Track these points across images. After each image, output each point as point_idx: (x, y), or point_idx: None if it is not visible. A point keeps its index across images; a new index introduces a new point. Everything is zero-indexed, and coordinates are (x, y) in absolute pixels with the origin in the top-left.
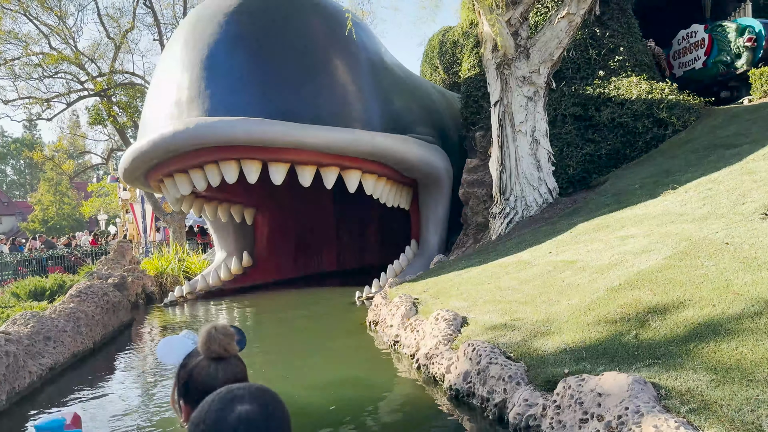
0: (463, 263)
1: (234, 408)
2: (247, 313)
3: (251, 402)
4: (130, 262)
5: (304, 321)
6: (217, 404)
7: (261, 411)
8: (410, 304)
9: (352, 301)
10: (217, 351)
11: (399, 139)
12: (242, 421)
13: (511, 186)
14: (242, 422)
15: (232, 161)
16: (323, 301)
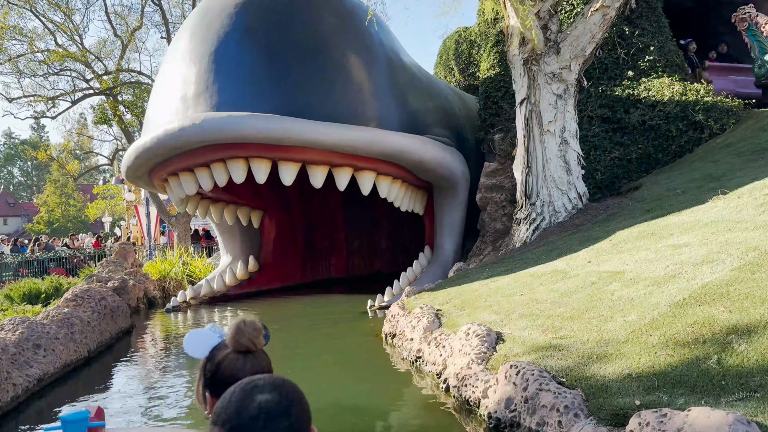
0: (487, 272)
1: (254, 397)
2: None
3: (271, 391)
4: (132, 265)
5: (313, 331)
6: (238, 394)
7: (281, 400)
8: (433, 316)
9: (363, 310)
10: (246, 345)
11: (416, 139)
12: (262, 410)
13: (538, 190)
14: (262, 410)
15: (240, 160)
16: (333, 310)
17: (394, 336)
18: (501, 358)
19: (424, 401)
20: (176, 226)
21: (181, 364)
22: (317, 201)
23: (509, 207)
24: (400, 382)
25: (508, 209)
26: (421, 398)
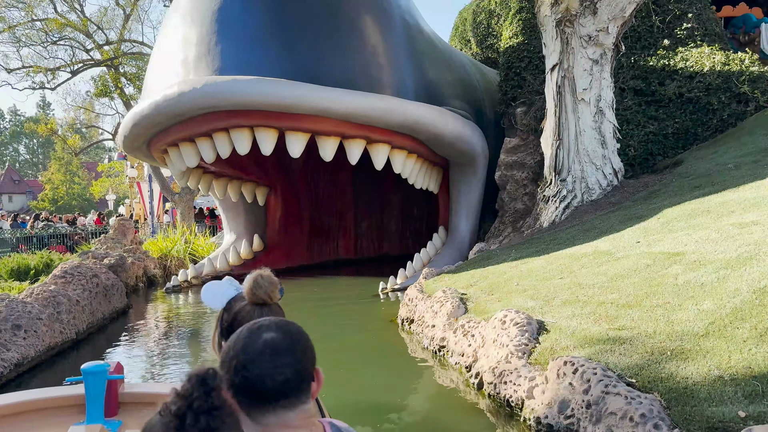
0: (514, 253)
1: (261, 335)
2: None
3: (276, 330)
4: (132, 242)
5: (322, 316)
6: (245, 332)
7: (285, 338)
8: (457, 301)
9: (374, 293)
10: (262, 297)
11: (434, 110)
12: (268, 345)
13: (569, 165)
14: (268, 346)
15: (244, 129)
16: (342, 293)
17: (411, 322)
18: (547, 351)
19: (453, 399)
20: (179, 204)
21: (178, 345)
22: (325, 178)
23: (531, 186)
24: (421, 376)
25: (529, 188)
26: (448, 396)
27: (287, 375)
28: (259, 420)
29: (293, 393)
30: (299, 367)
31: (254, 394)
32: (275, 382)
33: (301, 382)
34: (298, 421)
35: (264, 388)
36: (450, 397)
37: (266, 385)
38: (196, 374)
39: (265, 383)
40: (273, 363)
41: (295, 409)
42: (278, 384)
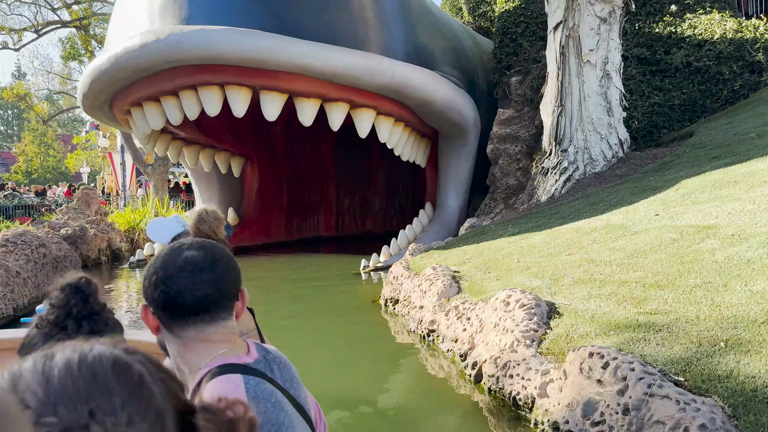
0: (512, 228)
1: (182, 253)
2: None
3: (198, 249)
4: (96, 212)
5: (299, 296)
6: (166, 251)
7: (207, 256)
8: (449, 279)
9: (355, 271)
10: (206, 232)
11: (426, 73)
12: (188, 262)
13: (572, 134)
14: (188, 263)
15: (214, 86)
16: (321, 271)
17: (396, 302)
18: (562, 339)
19: (445, 394)
20: (152, 176)
21: (130, 323)
22: (306, 150)
23: (525, 160)
24: (408, 365)
25: (523, 163)
26: (439, 389)
27: (207, 291)
28: (179, 334)
29: (213, 308)
30: (220, 285)
31: (174, 309)
32: (194, 297)
33: (222, 299)
34: (217, 336)
35: (183, 302)
36: (442, 391)
37: (185, 300)
38: (68, 283)
39: (184, 298)
40: (192, 279)
41: (215, 324)
42: (197, 299)
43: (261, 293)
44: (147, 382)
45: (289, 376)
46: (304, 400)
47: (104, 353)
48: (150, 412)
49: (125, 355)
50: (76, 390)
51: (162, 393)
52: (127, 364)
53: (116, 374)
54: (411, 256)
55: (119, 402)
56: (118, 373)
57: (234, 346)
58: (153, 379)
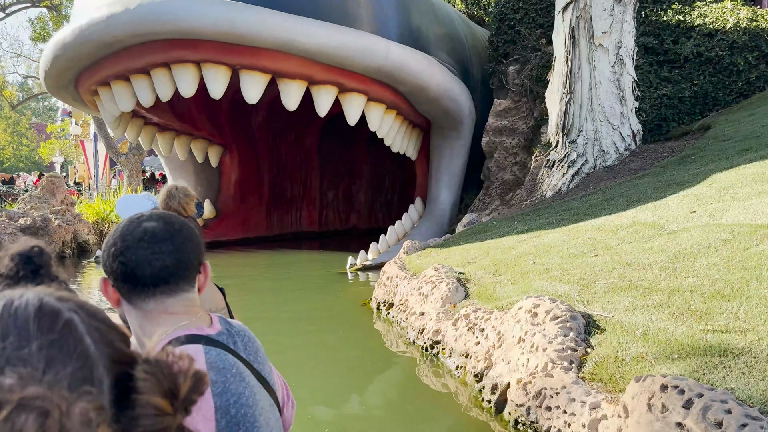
0: (519, 225)
1: (141, 224)
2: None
3: (158, 221)
4: (62, 202)
5: (279, 297)
6: (125, 222)
7: (166, 227)
8: (455, 282)
9: (341, 270)
10: (176, 208)
11: (421, 57)
12: (147, 233)
13: (581, 124)
14: (147, 233)
15: (189, 64)
16: (304, 270)
17: (390, 306)
18: (610, 361)
19: (453, 424)
20: (126, 166)
21: None
22: (289, 140)
23: (522, 154)
24: (406, 385)
25: (520, 156)
26: (445, 417)
27: (166, 262)
28: (140, 306)
29: (173, 280)
30: (180, 255)
31: (133, 281)
32: (153, 268)
33: (182, 270)
34: (179, 308)
35: (142, 273)
36: (450, 421)
37: (144, 271)
38: (19, 252)
39: (143, 269)
40: (151, 249)
41: (176, 296)
42: (156, 270)
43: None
44: (75, 329)
45: (253, 350)
46: (269, 374)
47: (31, 299)
48: (73, 359)
49: (55, 301)
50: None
51: (96, 341)
52: (54, 310)
53: (39, 319)
54: (406, 255)
55: (36, 347)
56: (41, 318)
57: (196, 319)
58: (86, 326)
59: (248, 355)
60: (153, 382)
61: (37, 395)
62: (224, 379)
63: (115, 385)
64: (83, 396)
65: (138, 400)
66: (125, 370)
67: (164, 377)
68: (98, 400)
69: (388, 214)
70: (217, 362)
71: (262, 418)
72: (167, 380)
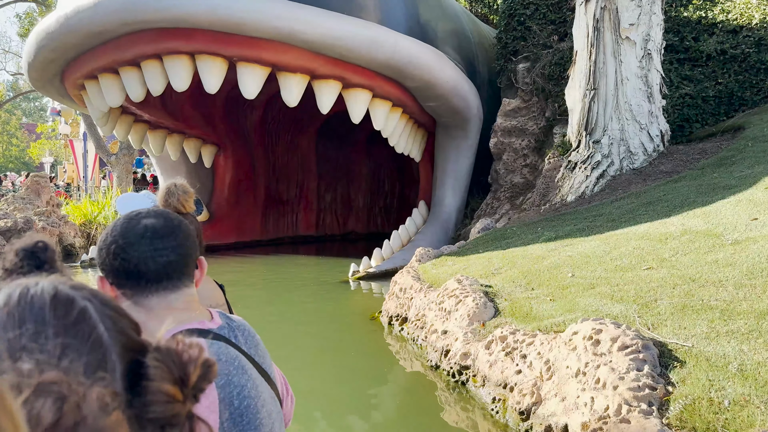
0: (545, 231)
1: (140, 221)
2: None
3: (157, 217)
4: (48, 203)
5: (276, 308)
6: (122, 220)
7: (166, 223)
8: (482, 296)
9: (342, 278)
10: (175, 205)
11: (431, 51)
12: (149, 229)
13: (605, 122)
14: (149, 230)
15: (182, 56)
16: (302, 277)
17: (404, 321)
18: (703, 405)
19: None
20: (116, 166)
21: None
22: (285, 140)
23: (533, 156)
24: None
25: (530, 159)
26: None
27: (169, 257)
28: (143, 303)
29: (176, 276)
30: (182, 251)
31: (136, 277)
32: (157, 264)
33: (185, 266)
34: (180, 303)
35: (146, 270)
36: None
37: (148, 267)
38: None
39: (147, 265)
40: (154, 246)
41: (178, 292)
42: (160, 266)
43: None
44: (90, 317)
45: (253, 344)
46: (269, 367)
47: (46, 287)
48: (88, 346)
49: (70, 289)
50: (12, 322)
51: (108, 329)
52: (69, 298)
53: (54, 307)
54: (419, 263)
55: (52, 334)
56: (56, 306)
57: (197, 314)
58: (99, 314)
59: (249, 349)
60: (164, 369)
61: (55, 380)
62: (227, 372)
63: (127, 372)
64: (98, 382)
65: (149, 387)
66: (137, 357)
67: (174, 365)
68: (112, 386)
69: (388, 218)
70: (220, 355)
71: (265, 409)
72: (177, 368)
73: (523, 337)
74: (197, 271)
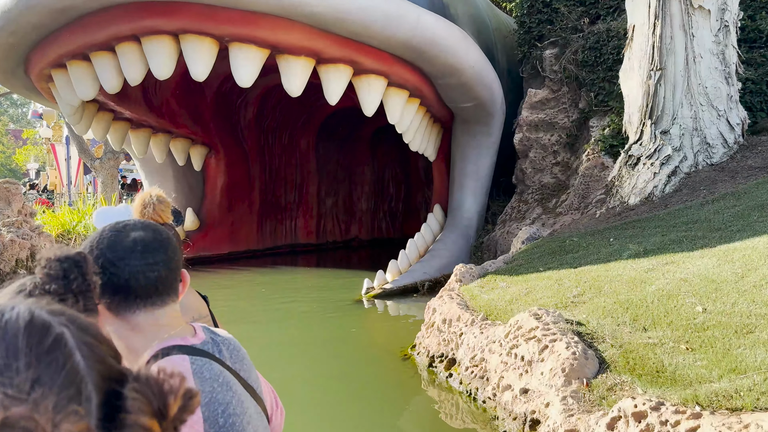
0: (627, 245)
1: (128, 233)
2: None
3: (145, 229)
4: (19, 213)
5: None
6: (108, 232)
7: (155, 236)
8: (576, 341)
9: (355, 298)
10: (151, 215)
11: (456, 31)
12: (138, 243)
13: (674, 109)
14: (138, 243)
15: (164, 37)
16: (307, 294)
17: (451, 364)
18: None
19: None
20: (100, 171)
21: None
22: (283, 140)
23: (564, 153)
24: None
25: (562, 156)
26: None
27: (161, 272)
28: (129, 319)
29: (165, 291)
30: (172, 265)
31: (125, 292)
32: (148, 279)
33: (174, 281)
34: (166, 319)
35: (136, 285)
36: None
37: (139, 282)
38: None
39: (137, 280)
40: (146, 260)
41: (165, 307)
42: (152, 281)
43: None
44: (66, 344)
45: (239, 358)
46: (256, 382)
47: (22, 312)
48: (62, 376)
49: (46, 314)
50: None
51: (86, 356)
52: (45, 324)
53: (28, 334)
54: (460, 284)
55: (24, 364)
56: (30, 333)
57: (180, 329)
58: (77, 341)
59: (234, 364)
60: (142, 401)
61: (22, 416)
62: (211, 389)
63: (104, 403)
64: (69, 416)
65: (126, 420)
66: (115, 387)
67: (154, 396)
68: (85, 420)
69: (393, 223)
70: (203, 372)
71: (251, 426)
72: (157, 399)
73: (676, 417)
74: (181, 283)
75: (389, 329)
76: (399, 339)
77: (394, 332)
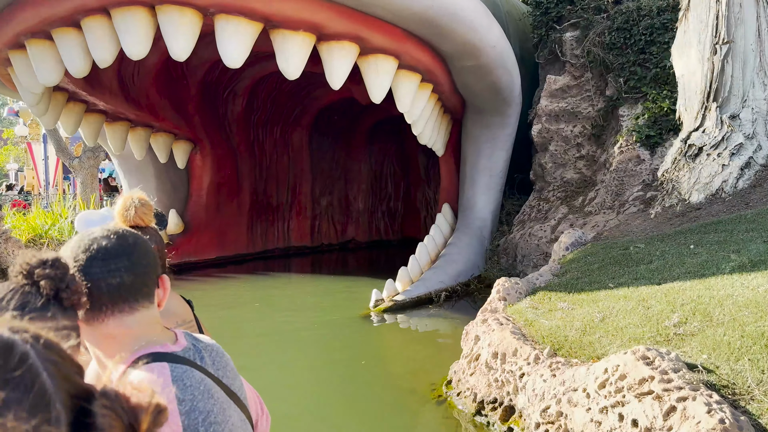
0: (717, 253)
1: (93, 241)
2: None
3: (110, 237)
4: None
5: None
6: (75, 239)
7: (119, 242)
8: (720, 404)
9: (361, 312)
10: (133, 218)
11: (478, 4)
12: (100, 250)
13: (744, 90)
14: (100, 250)
15: (138, 8)
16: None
17: (509, 413)
18: None
19: None
20: (79, 171)
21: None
22: (274, 135)
23: (589, 145)
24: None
25: (586, 149)
26: None
27: (123, 278)
28: (99, 328)
29: (132, 297)
30: (137, 270)
31: (90, 301)
32: (110, 285)
33: (142, 286)
34: (140, 326)
35: (99, 292)
36: None
37: (101, 290)
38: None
39: (100, 288)
40: (107, 267)
41: (136, 314)
42: (114, 287)
43: None
44: (32, 364)
45: (222, 365)
46: (240, 388)
47: None
48: (30, 398)
49: (10, 333)
50: None
51: (52, 375)
52: (9, 343)
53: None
54: (504, 302)
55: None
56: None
57: (159, 336)
58: (42, 360)
59: (217, 371)
60: (112, 417)
61: None
62: (191, 397)
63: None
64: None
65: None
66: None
67: (123, 412)
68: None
69: (392, 224)
70: (184, 380)
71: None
72: (127, 415)
73: None
74: (159, 290)
75: (410, 355)
76: (425, 370)
77: (417, 359)
